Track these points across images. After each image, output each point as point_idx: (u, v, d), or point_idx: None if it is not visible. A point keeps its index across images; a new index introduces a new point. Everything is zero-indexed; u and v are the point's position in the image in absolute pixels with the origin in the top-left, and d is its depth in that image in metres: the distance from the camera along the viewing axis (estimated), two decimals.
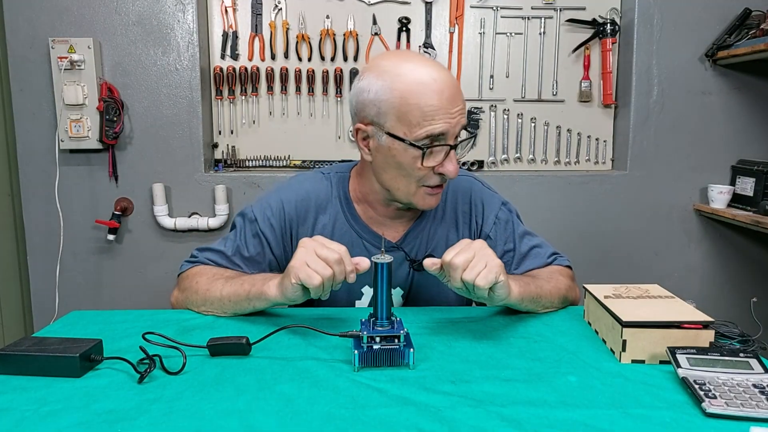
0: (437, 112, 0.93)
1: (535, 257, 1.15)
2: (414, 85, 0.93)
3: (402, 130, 0.95)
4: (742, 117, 2.15)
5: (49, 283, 2.06)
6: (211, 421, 0.67)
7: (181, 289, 1.09)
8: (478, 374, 0.79)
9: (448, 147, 0.96)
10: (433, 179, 0.99)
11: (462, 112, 0.96)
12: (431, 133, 0.94)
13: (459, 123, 0.96)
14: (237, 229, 1.13)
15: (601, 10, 2.17)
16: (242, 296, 0.99)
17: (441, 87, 0.93)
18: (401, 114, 0.94)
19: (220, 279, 1.03)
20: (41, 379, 0.77)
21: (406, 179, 0.99)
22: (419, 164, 0.96)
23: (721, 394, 0.69)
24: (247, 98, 2.16)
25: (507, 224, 1.15)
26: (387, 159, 0.99)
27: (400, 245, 1.10)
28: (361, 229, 1.10)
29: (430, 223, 1.13)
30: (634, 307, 0.88)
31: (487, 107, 2.21)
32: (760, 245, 2.22)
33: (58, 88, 1.94)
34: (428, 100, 0.92)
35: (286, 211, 1.10)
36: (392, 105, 0.94)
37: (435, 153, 0.96)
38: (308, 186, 1.12)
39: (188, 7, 1.99)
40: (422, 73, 0.94)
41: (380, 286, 0.83)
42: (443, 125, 0.94)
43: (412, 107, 0.93)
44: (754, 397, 0.69)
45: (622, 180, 2.16)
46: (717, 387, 0.71)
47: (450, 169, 0.97)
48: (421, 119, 0.93)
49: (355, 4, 2.12)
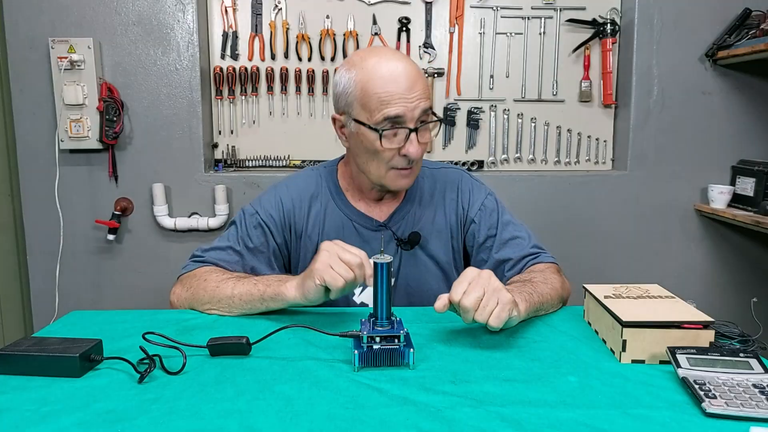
0: (392, 98, 1.02)
1: (514, 247, 1.18)
2: (373, 75, 1.03)
3: (365, 116, 1.05)
4: (742, 117, 2.15)
5: (49, 283, 2.06)
6: (211, 421, 0.67)
7: (187, 286, 1.10)
8: (478, 374, 0.79)
9: (408, 129, 1.03)
10: (400, 161, 1.07)
11: (420, 97, 1.04)
12: (388, 116, 1.02)
13: (417, 107, 1.03)
14: (237, 224, 1.18)
15: (601, 10, 2.17)
16: (255, 296, 1.01)
17: (397, 76, 1.02)
18: (363, 102, 1.04)
19: (231, 278, 1.06)
20: (41, 379, 0.78)
21: (376, 162, 1.08)
22: (380, 146, 1.04)
23: (721, 394, 0.69)
24: (247, 98, 2.16)
25: (492, 212, 1.21)
26: (358, 144, 1.09)
27: (387, 224, 1.17)
28: (350, 212, 1.18)
29: (416, 204, 1.20)
30: (634, 307, 0.88)
31: (487, 107, 2.21)
32: (760, 245, 2.22)
33: (58, 88, 1.94)
34: (385, 87, 1.02)
35: (284, 204, 1.18)
36: (356, 95, 1.05)
37: (397, 135, 1.05)
38: (300, 181, 1.21)
39: (188, 7, 1.99)
40: (382, 64, 1.04)
41: (380, 286, 0.83)
42: (399, 108, 1.02)
43: (371, 95, 1.03)
44: (754, 397, 0.69)
45: (622, 180, 2.16)
46: (717, 387, 0.71)
47: (411, 151, 1.04)
48: (378, 104, 1.02)
49: (355, 4, 2.12)
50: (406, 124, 1.03)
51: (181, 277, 1.14)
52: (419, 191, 1.21)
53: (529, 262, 1.17)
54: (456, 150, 2.23)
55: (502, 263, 1.17)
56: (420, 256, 1.18)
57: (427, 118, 1.07)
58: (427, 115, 1.06)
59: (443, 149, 2.22)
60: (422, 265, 1.19)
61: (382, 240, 0.99)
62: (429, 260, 1.19)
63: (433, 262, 1.19)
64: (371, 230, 1.18)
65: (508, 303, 0.87)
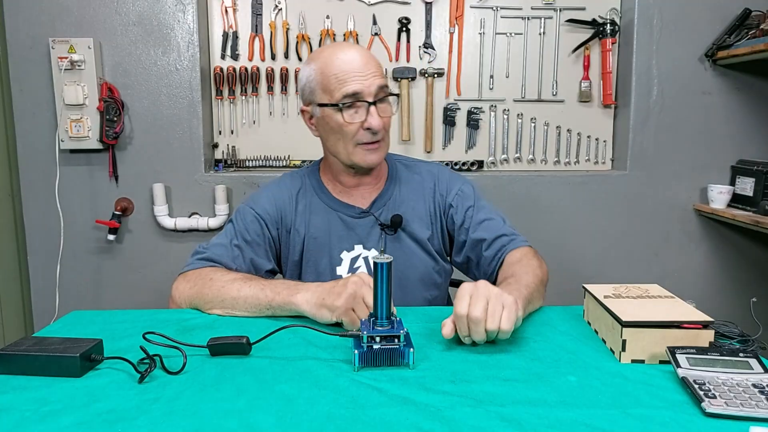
0: (348, 75, 1.10)
1: (488, 228, 1.23)
2: (329, 61, 1.13)
3: (327, 98, 1.13)
4: (742, 117, 2.15)
5: (49, 283, 2.06)
6: (211, 420, 0.67)
7: (191, 284, 1.11)
8: (478, 374, 0.79)
9: (367, 103, 1.11)
10: (365, 135, 1.13)
11: (376, 75, 1.12)
12: (347, 93, 1.10)
13: (373, 84, 1.11)
14: (234, 221, 1.24)
15: (601, 10, 2.17)
16: (263, 302, 1.02)
17: (351, 58, 1.12)
18: (324, 85, 1.13)
19: (237, 279, 1.07)
20: (42, 378, 0.78)
21: (343, 141, 1.15)
22: (342, 121, 1.12)
23: (720, 394, 0.70)
24: (248, 98, 2.16)
25: (468, 197, 1.28)
26: (325, 128, 1.17)
27: (370, 210, 1.23)
28: (334, 203, 1.24)
29: (396, 190, 1.26)
30: (633, 307, 0.88)
31: (487, 107, 2.21)
32: (759, 245, 2.22)
33: (58, 88, 1.94)
34: (341, 67, 1.11)
35: (276, 200, 1.25)
36: (317, 80, 1.14)
37: (358, 112, 1.12)
38: (288, 181, 1.29)
39: (188, 7, 2.00)
40: (336, 51, 1.14)
41: (380, 286, 0.83)
42: (356, 85, 1.10)
43: (329, 77, 1.12)
44: (753, 397, 0.69)
45: (622, 180, 2.17)
46: (716, 387, 0.71)
47: (372, 123, 1.11)
48: (337, 84, 1.11)
49: (355, 5, 2.12)
50: (364, 99, 1.11)
51: (185, 274, 1.15)
52: (398, 179, 1.28)
53: (505, 246, 1.21)
54: (456, 150, 2.23)
55: (479, 243, 1.22)
56: (404, 238, 1.23)
57: (384, 94, 1.15)
58: (384, 91, 1.14)
59: (443, 149, 2.22)
60: (407, 248, 1.23)
61: (382, 240, 0.99)
62: (413, 242, 1.23)
63: (417, 244, 1.23)
64: (355, 218, 1.23)
65: (512, 304, 0.87)
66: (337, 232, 1.22)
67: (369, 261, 1.22)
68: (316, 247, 1.23)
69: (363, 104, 1.12)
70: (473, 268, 1.26)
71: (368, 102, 1.11)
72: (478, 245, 1.22)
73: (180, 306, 1.11)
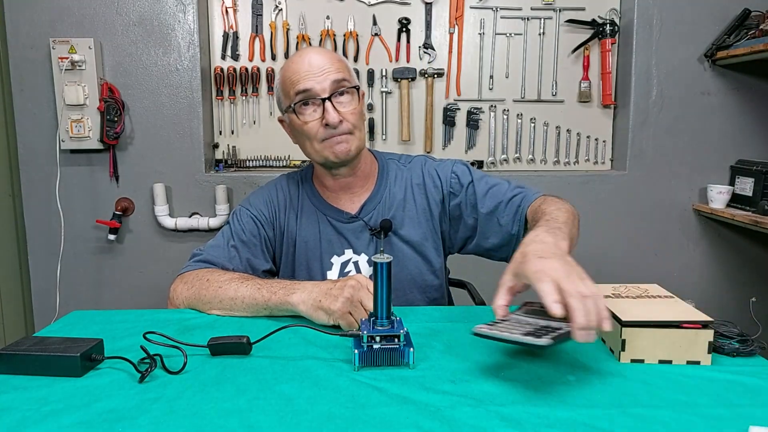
0: (299, 75, 1.12)
1: (496, 194, 1.20)
2: (286, 66, 1.17)
3: (287, 102, 1.16)
4: (741, 117, 2.15)
5: (50, 283, 2.07)
6: (211, 420, 0.67)
7: (189, 285, 1.10)
8: (478, 374, 0.79)
9: (320, 99, 1.11)
10: (325, 132, 1.13)
11: (328, 71, 1.12)
12: (298, 91, 1.12)
13: (326, 79, 1.11)
14: (230, 222, 1.25)
15: (601, 10, 2.17)
16: (260, 302, 1.02)
17: (304, 59, 1.13)
18: (284, 90, 1.16)
19: (234, 280, 1.07)
20: (42, 378, 0.78)
21: (310, 141, 1.15)
22: (300, 121, 1.13)
23: (499, 325, 0.77)
24: (248, 98, 2.16)
25: (464, 174, 1.24)
26: (294, 132, 1.19)
27: (358, 215, 1.22)
28: (324, 207, 1.24)
29: (386, 194, 1.24)
30: (633, 307, 0.88)
31: (487, 107, 2.21)
32: (759, 245, 2.22)
33: (59, 88, 1.94)
34: (293, 69, 1.14)
35: (271, 201, 1.26)
36: (280, 88, 1.18)
37: (316, 111, 1.13)
38: (282, 183, 1.30)
39: (189, 7, 2.00)
40: (294, 56, 1.17)
41: (380, 286, 0.83)
42: (307, 83, 1.11)
43: (285, 81, 1.15)
44: (521, 328, 0.74)
45: (621, 180, 2.17)
46: (504, 323, 0.78)
47: (329, 118, 1.11)
48: (290, 85, 1.14)
49: (355, 5, 2.13)
50: (317, 95, 1.12)
51: (182, 275, 1.15)
52: (388, 180, 1.25)
53: (520, 205, 1.17)
54: (456, 150, 2.23)
55: (492, 214, 1.18)
56: (395, 242, 1.21)
57: (342, 88, 1.13)
58: (341, 85, 1.13)
59: (443, 149, 2.23)
60: (398, 251, 1.21)
61: (382, 240, 0.99)
62: (404, 245, 1.22)
63: (408, 246, 1.22)
64: (344, 222, 1.22)
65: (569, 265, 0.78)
66: (327, 236, 1.22)
67: (360, 266, 1.21)
68: (307, 251, 1.23)
69: (318, 101, 1.12)
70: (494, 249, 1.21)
71: (321, 98, 1.11)
72: (492, 217, 1.18)
73: (178, 308, 1.11)
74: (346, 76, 1.14)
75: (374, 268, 0.83)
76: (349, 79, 1.15)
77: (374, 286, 0.84)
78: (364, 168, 1.23)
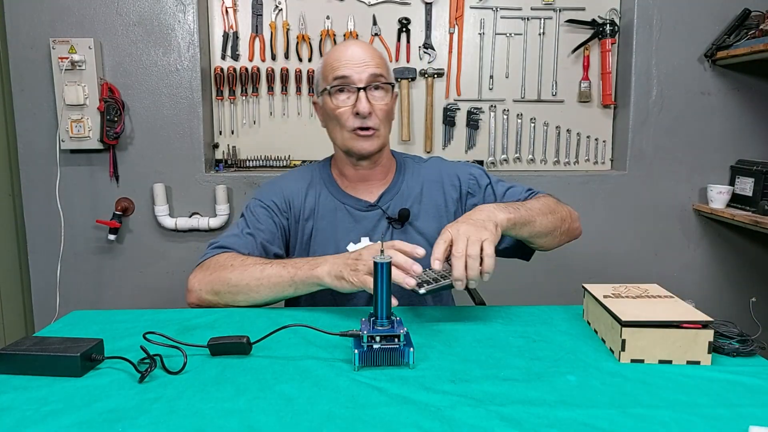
0: (341, 62, 1.18)
1: (510, 197, 1.27)
2: (331, 53, 1.22)
3: (324, 85, 1.21)
4: (741, 117, 2.15)
5: (50, 283, 2.07)
6: (211, 420, 0.67)
7: (210, 270, 1.11)
8: (478, 374, 0.79)
9: (356, 88, 1.17)
10: (356, 121, 1.18)
11: (368, 64, 1.18)
12: (337, 76, 1.18)
13: (365, 71, 1.17)
14: (245, 213, 1.28)
15: (601, 10, 2.17)
16: (285, 278, 1.05)
17: (348, 49, 1.20)
18: (323, 74, 1.22)
19: (258, 263, 1.09)
20: (42, 378, 0.78)
21: (339, 127, 1.20)
22: (333, 105, 1.18)
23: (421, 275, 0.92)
24: (248, 98, 2.17)
25: (481, 176, 1.31)
26: (325, 115, 1.24)
27: (377, 204, 1.26)
28: (341, 195, 1.28)
29: (405, 184, 1.29)
30: (633, 307, 0.88)
31: (487, 107, 2.21)
32: (759, 245, 2.22)
33: (59, 88, 1.94)
34: (336, 56, 1.20)
35: (284, 191, 1.29)
36: (320, 72, 1.24)
37: (350, 98, 1.18)
38: (297, 174, 1.34)
39: (189, 7, 2.00)
40: (339, 45, 1.25)
41: (380, 286, 0.83)
42: (346, 71, 1.17)
43: (326, 66, 1.21)
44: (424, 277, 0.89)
45: (621, 180, 2.17)
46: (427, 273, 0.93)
47: (360, 107, 1.16)
48: (331, 70, 1.19)
49: (355, 5, 2.13)
50: (353, 83, 1.17)
51: (202, 264, 1.15)
52: (406, 173, 1.31)
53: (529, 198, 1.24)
54: (456, 150, 2.23)
55: None
56: (411, 232, 1.24)
57: (378, 83, 1.19)
58: (378, 80, 1.18)
59: (443, 149, 2.23)
60: (413, 242, 1.21)
61: (382, 240, 0.99)
62: (419, 237, 1.24)
63: (423, 238, 1.23)
64: (362, 211, 1.25)
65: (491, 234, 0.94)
66: (343, 224, 1.25)
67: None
68: (323, 238, 1.25)
69: (353, 90, 1.17)
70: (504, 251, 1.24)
71: (357, 87, 1.16)
72: None
73: (200, 297, 1.10)
74: (384, 73, 1.20)
75: (374, 268, 0.83)
76: (386, 77, 1.21)
77: (374, 286, 0.84)
78: (384, 162, 1.28)
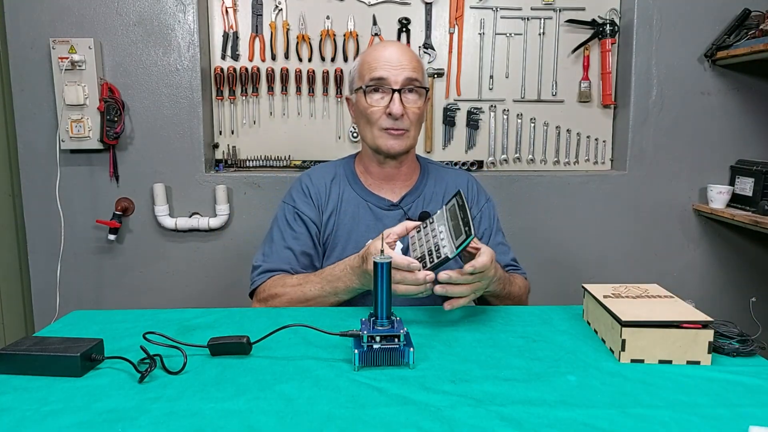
0: (378, 63, 1.22)
1: (500, 254, 1.31)
2: (369, 52, 1.27)
3: (359, 83, 1.25)
4: (741, 117, 2.15)
5: (50, 283, 2.07)
6: (211, 420, 0.67)
7: (263, 302, 1.21)
8: (478, 374, 0.79)
9: (392, 90, 1.21)
10: (387, 121, 1.23)
11: (405, 67, 1.21)
12: (373, 77, 1.22)
13: (401, 74, 1.21)
14: (280, 222, 1.32)
15: (601, 10, 2.17)
16: (330, 294, 1.14)
17: (387, 49, 1.24)
18: (360, 72, 1.26)
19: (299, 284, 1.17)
20: (42, 378, 0.78)
21: (369, 125, 1.25)
22: (367, 104, 1.22)
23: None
24: (248, 98, 2.16)
25: (491, 215, 1.38)
26: (357, 112, 1.29)
27: (399, 204, 1.31)
28: (364, 194, 1.32)
29: (428, 187, 1.34)
30: (633, 307, 0.88)
31: (487, 107, 2.21)
32: (759, 245, 2.22)
33: (58, 88, 1.94)
34: (374, 56, 1.23)
35: (310, 189, 1.34)
36: (357, 69, 1.28)
37: (384, 98, 1.22)
38: (320, 170, 1.39)
39: (189, 7, 2.00)
40: (378, 45, 1.28)
41: (380, 286, 0.83)
42: (383, 72, 1.21)
43: (364, 64, 1.25)
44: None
45: (621, 180, 2.17)
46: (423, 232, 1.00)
47: (393, 109, 1.20)
48: (368, 70, 1.23)
49: (355, 5, 2.13)
50: (389, 85, 1.21)
51: (255, 294, 1.25)
52: (430, 177, 1.36)
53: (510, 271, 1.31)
54: (456, 150, 2.23)
55: None
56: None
57: (412, 86, 1.22)
58: (412, 83, 1.22)
59: (443, 149, 2.23)
60: None
61: (383, 239, 0.99)
62: None
63: None
64: (384, 209, 1.29)
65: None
66: (365, 221, 1.28)
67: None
68: (344, 234, 1.28)
69: (388, 90, 1.21)
70: None
71: (392, 89, 1.20)
72: None
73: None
74: (419, 78, 1.24)
75: (374, 268, 0.83)
76: (421, 81, 1.24)
77: (374, 286, 0.84)
78: (409, 164, 1.32)
